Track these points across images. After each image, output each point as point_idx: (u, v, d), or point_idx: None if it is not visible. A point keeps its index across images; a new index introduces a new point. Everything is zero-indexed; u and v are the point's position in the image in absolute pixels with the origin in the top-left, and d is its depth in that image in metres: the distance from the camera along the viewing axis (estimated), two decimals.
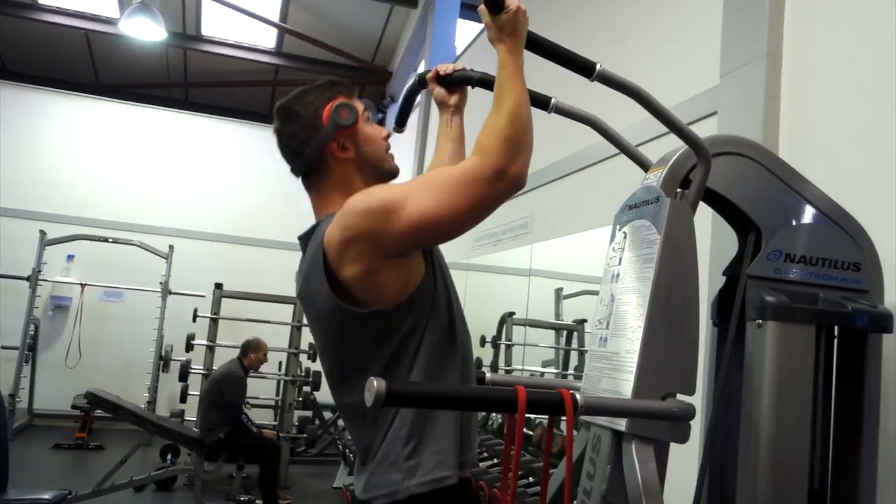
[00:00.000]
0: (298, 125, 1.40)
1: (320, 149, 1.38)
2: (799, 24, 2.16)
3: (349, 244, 1.23)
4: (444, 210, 1.19)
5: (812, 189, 1.56)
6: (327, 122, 1.37)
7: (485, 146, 1.20)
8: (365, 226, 1.21)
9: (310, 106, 1.40)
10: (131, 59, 9.07)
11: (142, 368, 7.59)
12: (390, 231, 1.20)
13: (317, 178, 1.43)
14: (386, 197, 1.23)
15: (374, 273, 1.24)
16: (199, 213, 8.20)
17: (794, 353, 1.44)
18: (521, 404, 1.13)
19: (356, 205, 1.24)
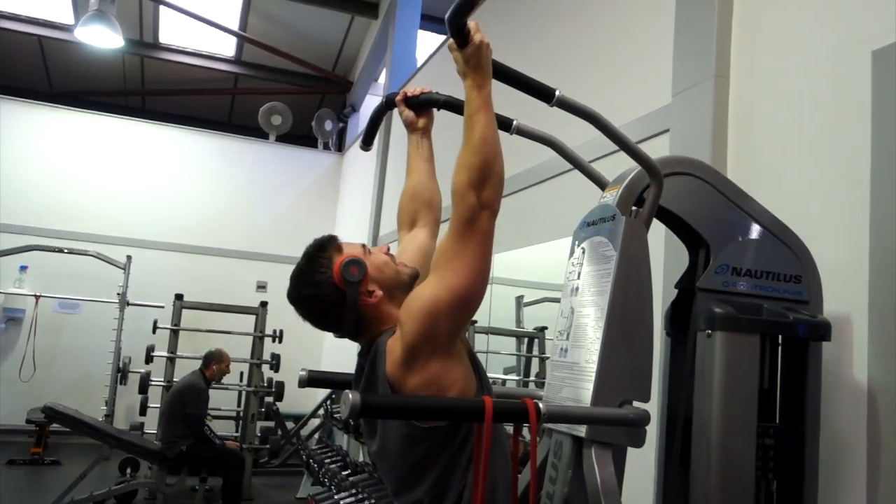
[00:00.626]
0: (323, 305, 1.42)
1: (356, 310, 1.41)
2: (745, 47, 2.28)
3: (412, 352, 1.27)
4: (465, 274, 1.25)
5: (756, 206, 1.67)
6: (344, 287, 1.39)
7: (456, 190, 1.27)
8: (421, 330, 1.25)
9: (321, 284, 1.41)
10: (86, 67, 8.95)
11: (99, 381, 7.45)
12: (441, 323, 1.25)
13: (363, 329, 1.45)
14: (422, 301, 1.27)
15: (438, 378, 1.28)
16: (158, 222, 8.10)
17: (741, 360, 1.54)
18: (487, 414, 1.20)
19: (404, 317, 1.29)
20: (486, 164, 1.27)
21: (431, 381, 1.27)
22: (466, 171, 1.26)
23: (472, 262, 1.26)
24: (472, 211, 1.25)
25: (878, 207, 1.70)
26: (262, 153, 8.79)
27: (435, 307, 1.25)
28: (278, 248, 8.49)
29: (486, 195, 1.26)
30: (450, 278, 1.26)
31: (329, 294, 1.40)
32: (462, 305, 1.28)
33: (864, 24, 1.83)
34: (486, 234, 1.27)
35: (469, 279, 1.26)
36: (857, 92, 1.81)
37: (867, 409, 1.66)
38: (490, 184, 1.27)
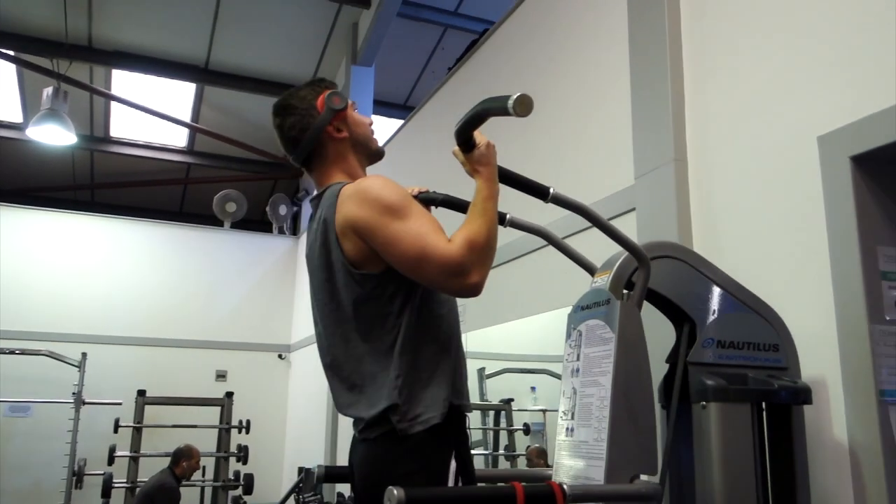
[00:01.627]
0: (296, 116, 1.63)
1: (318, 132, 1.61)
2: (699, 132, 2.48)
3: (351, 224, 1.46)
4: (407, 255, 1.41)
5: (733, 283, 1.81)
6: (322, 110, 1.60)
7: (462, 241, 1.40)
8: (364, 215, 1.44)
9: (304, 99, 1.64)
10: (35, 163, 8.88)
11: (51, 487, 7.10)
12: (379, 230, 1.43)
13: (317, 160, 1.65)
14: (396, 199, 1.45)
15: (366, 248, 1.48)
16: (113, 316, 7.93)
17: (735, 428, 1.65)
18: (518, 499, 1.27)
19: (372, 188, 1.48)
20: (488, 247, 1.42)
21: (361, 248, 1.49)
22: (473, 242, 1.40)
23: (415, 266, 1.42)
24: (460, 267, 1.38)
25: (839, 276, 1.86)
26: (218, 241, 8.78)
27: (395, 214, 1.44)
28: (237, 336, 8.40)
29: (476, 277, 1.40)
30: (411, 236, 1.42)
31: (306, 109, 1.62)
32: (392, 249, 1.45)
33: (809, 111, 2.04)
34: (441, 284, 1.43)
35: (405, 261, 1.43)
36: (806, 173, 2.00)
37: (850, 466, 1.77)
38: (485, 266, 1.42)
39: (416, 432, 1.45)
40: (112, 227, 8.35)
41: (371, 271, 1.50)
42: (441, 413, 1.47)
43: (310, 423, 7.41)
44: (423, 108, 5.35)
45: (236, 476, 6.23)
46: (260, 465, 7.02)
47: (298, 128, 1.64)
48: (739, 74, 2.34)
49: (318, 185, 1.70)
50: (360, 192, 1.50)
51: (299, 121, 1.64)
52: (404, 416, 1.46)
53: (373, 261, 1.50)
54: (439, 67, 7.82)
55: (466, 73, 4.60)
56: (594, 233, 2.76)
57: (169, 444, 5.95)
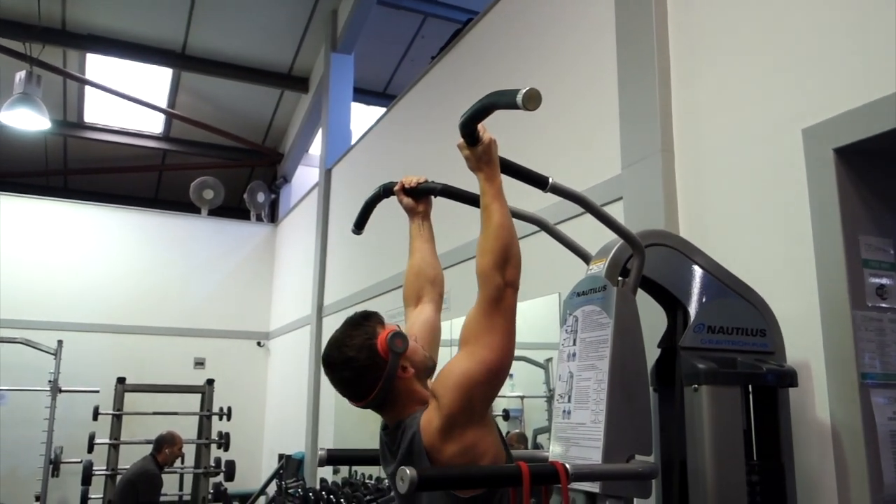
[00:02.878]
0: (359, 371, 1.49)
1: (392, 381, 1.48)
2: (686, 124, 2.54)
3: (451, 422, 1.37)
4: (495, 348, 1.38)
5: (722, 270, 1.87)
6: (386, 356, 1.47)
7: (482, 273, 1.41)
8: (458, 402, 1.36)
9: (361, 349, 1.48)
10: (5, 148, 8.71)
11: (27, 475, 7.05)
12: (476, 395, 1.37)
13: (390, 402, 1.52)
14: (457, 375, 1.38)
15: (474, 445, 1.38)
16: (89, 304, 7.85)
17: (725, 410, 1.71)
18: (525, 478, 1.32)
19: (439, 390, 1.40)
20: (506, 247, 1.42)
21: (468, 449, 1.38)
22: (489, 254, 1.41)
23: (501, 337, 1.39)
24: (498, 290, 1.39)
25: (823, 264, 1.93)
26: (195, 228, 8.71)
27: (470, 380, 1.37)
28: (215, 323, 8.37)
29: (509, 275, 1.41)
30: (481, 353, 1.38)
31: (369, 360, 1.46)
32: (494, 377, 1.40)
33: (794, 104, 2.10)
34: (511, 309, 1.41)
35: (499, 353, 1.39)
36: (791, 164, 2.07)
37: (832, 446, 1.85)
38: (511, 264, 1.41)
39: None
40: (87, 213, 8.25)
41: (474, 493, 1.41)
42: None
43: (289, 409, 7.43)
44: (405, 97, 5.36)
45: (217, 463, 6.22)
46: (239, 451, 7.02)
47: (367, 382, 1.49)
48: (726, 67, 2.40)
49: (391, 420, 1.56)
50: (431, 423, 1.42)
51: (363, 375, 1.48)
52: None
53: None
54: (419, 56, 7.82)
55: (450, 62, 4.62)
56: (580, 221, 2.83)
57: (148, 431, 5.92)
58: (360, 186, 6.07)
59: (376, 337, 1.48)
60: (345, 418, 5.82)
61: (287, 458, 6.59)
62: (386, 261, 5.10)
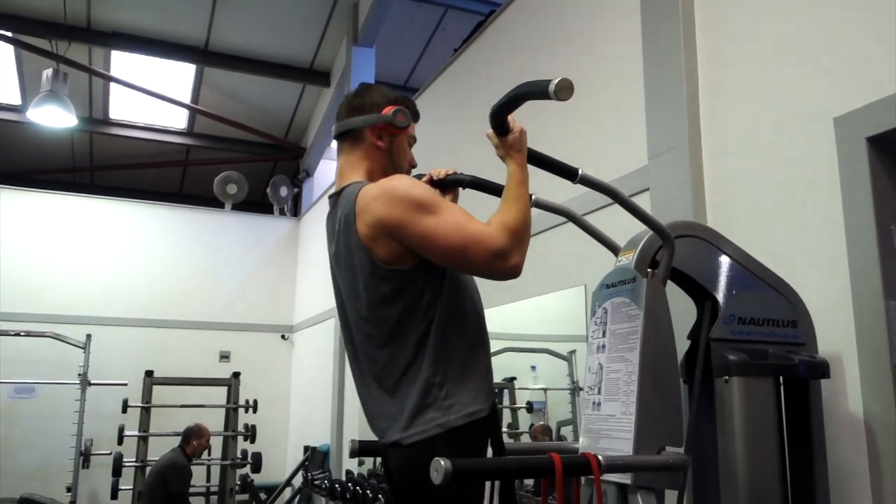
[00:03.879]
0: (363, 99, 1.70)
1: (364, 123, 1.67)
2: (713, 114, 2.52)
3: (382, 224, 1.48)
4: (449, 245, 1.46)
5: (753, 261, 1.86)
6: (381, 110, 1.67)
7: (501, 225, 1.45)
8: (395, 214, 1.46)
9: (380, 95, 1.70)
10: (33, 146, 8.86)
11: (58, 467, 7.18)
12: (414, 227, 1.46)
13: (349, 145, 1.70)
14: (424, 196, 1.48)
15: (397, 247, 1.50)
16: (116, 298, 7.96)
17: (757, 402, 1.70)
18: (557, 469, 1.32)
19: (398, 187, 1.50)
20: (525, 231, 1.48)
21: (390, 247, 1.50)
22: (510, 227, 1.45)
23: (459, 256, 1.47)
24: (499, 253, 1.44)
25: (855, 254, 1.91)
26: (219, 222, 8.79)
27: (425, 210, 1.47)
28: (240, 317, 8.44)
29: (515, 259, 1.46)
30: (446, 229, 1.45)
31: (374, 102, 1.69)
32: (428, 246, 1.48)
33: (825, 93, 2.08)
34: (486, 270, 1.48)
35: (445, 252, 1.47)
36: (822, 154, 2.04)
37: (866, 439, 1.83)
38: (522, 249, 1.47)
39: (461, 425, 1.48)
40: (113, 209, 8.36)
41: (400, 267, 1.52)
42: (488, 405, 1.52)
43: (314, 402, 7.49)
44: (427, 91, 5.36)
45: (244, 455, 6.30)
46: (265, 443, 7.10)
47: (355, 107, 1.70)
48: (754, 55, 2.37)
49: (340, 172, 1.72)
50: (386, 191, 1.52)
51: (360, 104, 1.70)
52: (448, 410, 1.48)
53: (403, 258, 1.52)
54: (440, 49, 7.81)
55: (472, 54, 4.61)
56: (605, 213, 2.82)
57: (175, 423, 6.01)
58: None
59: (392, 100, 1.69)
60: None
61: (312, 450, 6.65)
62: None
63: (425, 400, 1.50)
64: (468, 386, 1.52)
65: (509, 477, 1.36)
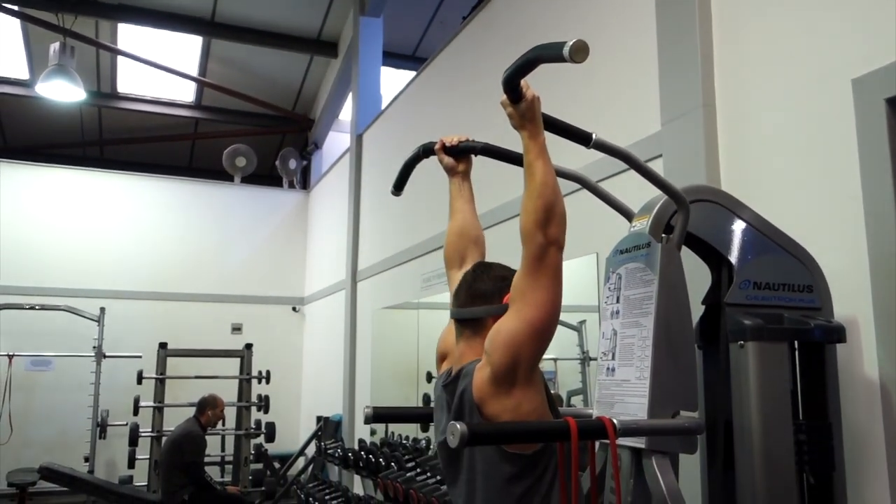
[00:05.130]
0: (485, 286, 1.58)
1: (486, 315, 1.55)
2: (728, 78, 2.48)
3: (499, 379, 1.39)
4: (540, 306, 1.38)
5: (769, 225, 1.84)
6: (506, 302, 1.52)
7: (525, 231, 1.40)
8: (506, 360, 1.38)
9: (502, 280, 1.56)
10: (42, 120, 8.86)
11: (76, 437, 7.30)
12: (523, 353, 1.37)
13: (470, 331, 1.57)
14: (504, 333, 1.40)
15: (520, 403, 1.39)
16: (128, 272, 8.02)
17: (773, 366, 1.69)
18: (573, 432, 1.32)
19: (489, 347, 1.41)
20: (549, 205, 1.39)
21: (515, 406, 1.39)
22: (532, 213, 1.39)
23: (546, 295, 1.38)
24: (541, 249, 1.38)
25: (872, 218, 1.89)
26: (229, 195, 8.81)
27: (516, 339, 1.37)
28: (251, 289, 8.49)
29: (551, 233, 1.39)
30: (527, 311, 1.38)
31: (497, 290, 1.56)
32: (540, 335, 1.39)
33: (843, 54, 2.04)
34: (555, 267, 1.40)
35: (544, 310, 1.38)
36: (839, 116, 2.01)
37: (881, 403, 1.83)
38: (554, 223, 1.39)
39: None
40: (124, 182, 8.38)
41: (523, 452, 1.43)
42: None
43: (325, 373, 7.55)
44: (436, 60, 5.30)
45: (258, 425, 6.37)
46: (279, 414, 7.18)
47: (478, 294, 1.58)
48: (770, 16, 2.33)
49: (460, 357, 1.59)
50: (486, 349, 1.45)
51: (483, 290, 1.58)
52: None
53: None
54: (449, 17, 7.71)
55: (482, 21, 4.55)
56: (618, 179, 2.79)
57: (190, 394, 6.07)
58: (391, 151, 6.05)
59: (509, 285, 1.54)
60: (380, 382, 5.90)
61: (325, 419, 6.72)
62: (419, 224, 5.10)
63: None
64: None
65: (525, 440, 1.36)
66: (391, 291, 5.75)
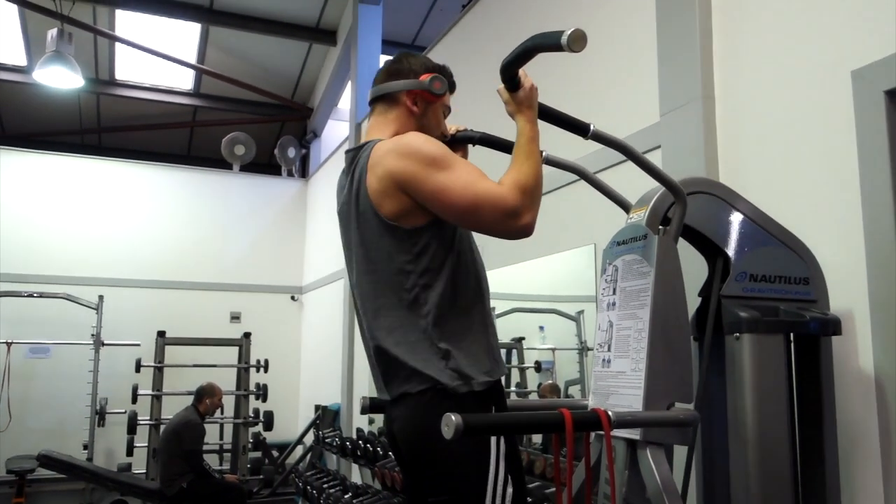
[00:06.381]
0: (401, 65, 1.68)
1: (399, 89, 1.65)
2: (727, 69, 2.47)
3: (393, 178, 1.47)
4: (461, 202, 1.43)
5: (765, 218, 1.84)
6: (418, 76, 1.65)
7: (513, 183, 1.43)
8: (408, 168, 1.45)
9: (419, 63, 1.68)
10: (40, 107, 8.82)
11: (74, 425, 7.32)
12: (425, 182, 1.44)
13: (382, 107, 1.68)
14: (437, 152, 1.46)
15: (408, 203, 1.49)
16: (127, 260, 8.00)
17: (767, 358, 1.70)
18: (567, 424, 1.32)
19: (412, 142, 1.48)
20: (536, 188, 1.45)
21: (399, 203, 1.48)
22: (522, 186, 1.43)
23: (471, 214, 1.44)
24: (513, 211, 1.42)
25: (870, 210, 1.88)
26: (227, 184, 8.78)
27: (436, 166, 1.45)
28: (250, 278, 8.49)
29: (527, 217, 1.44)
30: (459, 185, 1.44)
31: (412, 69, 1.67)
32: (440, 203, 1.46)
33: (842, 45, 2.03)
34: (498, 228, 1.45)
35: (458, 211, 1.45)
36: (838, 108, 2.00)
37: (876, 396, 1.83)
38: (534, 207, 1.45)
39: (465, 392, 1.47)
40: (122, 170, 8.35)
41: (413, 226, 1.51)
42: (495, 375, 1.53)
43: (324, 361, 7.56)
44: (435, 48, 5.28)
45: (256, 413, 6.39)
46: (277, 402, 7.20)
47: (392, 72, 1.68)
48: (770, 7, 2.32)
49: (366, 134, 1.69)
50: (400, 146, 1.51)
51: (398, 70, 1.68)
52: (454, 374, 1.48)
53: (413, 215, 1.50)
54: (448, 4, 7.67)
55: (481, 10, 4.53)
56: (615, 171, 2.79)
57: (188, 383, 6.09)
58: None
59: (431, 68, 1.67)
60: None
61: (323, 409, 6.74)
62: None
63: (436, 359, 1.49)
64: (474, 351, 1.53)
65: (520, 432, 1.37)
66: None
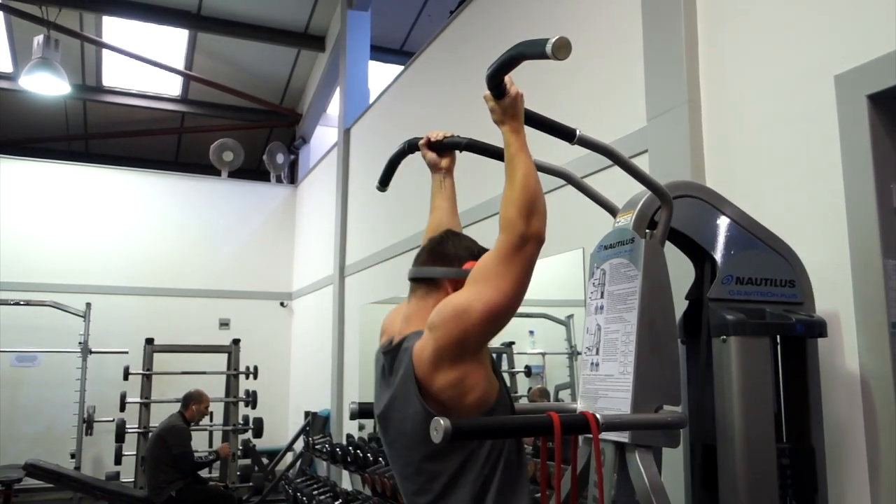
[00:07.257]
0: (446, 250, 1.60)
1: (442, 276, 1.57)
2: (712, 74, 2.49)
3: (440, 355, 1.38)
4: (503, 292, 1.37)
5: (751, 221, 1.85)
6: (460, 264, 1.56)
7: (505, 219, 1.39)
8: (452, 335, 1.37)
9: (464, 249, 1.59)
10: (26, 114, 8.78)
11: (62, 433, 7.27)
12: (472, 332, 1.37)
13: (423, 290, 1.58)
14: (456, 304, 1.39)
15: (463, 379, 1.39)
16: (115, 267, 7.96)
17: (754, 361, 1.71)
18: (556, 428, 1.33)
19: (436, 320, 1.41)
20: (532, 198, 1.39)
21: (459, 380, 1.39)
22: (515, 204, 1.39)
23: (513, 284, 1.37)
24: (521, 238, 1.37)
25: (854, 213, 1.90)
26: (216, 190, 8.76)
27: (468, 316, 1.36)
28: (239, 284, 8.46)
29: (534, 225, 1.38)
30: (488, 293, 1.37)
31: (457, 255, 1.59)
32: (494, 320, 1.38)
33: (825, 51, 2.05)
34: (529, 259, 1.39)
35: (506, 298, 1.37)
36: (822, 112, 2.02)
37: (861, 396, 1.85)
38: (537, 216, 1.39)
39: None
40: (110, 177, 8.31)
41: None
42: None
43: (313, 368, 7.54)
44: (423, 54, 5.29)
45: (245, 420, 6.36)
46: (266, 409, 7.17)
47: (439, 255, 1.60)
48: (754, 13, 2.34)
49: (405, 320, 1.59)
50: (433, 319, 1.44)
51: (444, 253, 1.60)
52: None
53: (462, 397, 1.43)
54: (436, 11, 7.70)
55: (469, 16, 4.54)
56: (603, 176, 2.81)
57: (177, 390, 6.06)
58: (379, 146, 6.04)
59: (475, 255, 1.56)
60: (368, 377, 5.89)
61: (313, 415, 6.72)
62: (407, 220, 5.10)
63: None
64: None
65: (509, 435, 1.37)
66: (379, 287, 5.75)
